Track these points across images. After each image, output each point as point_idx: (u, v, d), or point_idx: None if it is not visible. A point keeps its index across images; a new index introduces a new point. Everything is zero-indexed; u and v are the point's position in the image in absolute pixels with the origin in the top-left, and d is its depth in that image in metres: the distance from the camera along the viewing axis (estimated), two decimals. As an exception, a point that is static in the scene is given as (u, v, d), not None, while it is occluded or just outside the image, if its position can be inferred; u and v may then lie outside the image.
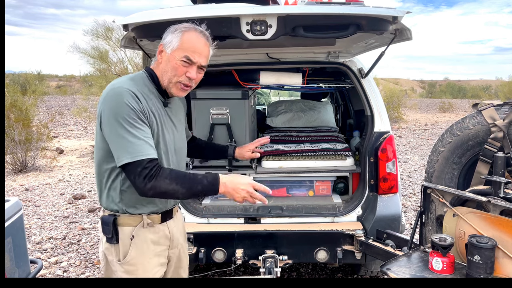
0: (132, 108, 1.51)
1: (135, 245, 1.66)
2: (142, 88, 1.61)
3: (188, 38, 1.60)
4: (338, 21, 2.09)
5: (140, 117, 1.52)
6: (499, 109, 2.19)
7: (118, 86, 1.55)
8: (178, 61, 1.59)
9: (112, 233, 1.64)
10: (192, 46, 1.59)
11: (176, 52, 1.59)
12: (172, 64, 1.61)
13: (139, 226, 1.67)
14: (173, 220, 1.82)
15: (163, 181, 1.49)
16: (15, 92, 8.42)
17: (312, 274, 3.54)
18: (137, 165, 1.48)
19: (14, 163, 7.52)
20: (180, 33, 1.60)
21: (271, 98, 6.99)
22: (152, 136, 1.58)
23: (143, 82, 1.65)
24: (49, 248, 4.14)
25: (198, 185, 1.55)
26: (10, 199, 1.94)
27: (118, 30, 9.69)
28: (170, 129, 1.72)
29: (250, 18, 2.06)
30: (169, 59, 1.61)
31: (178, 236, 1.84)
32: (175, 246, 1.84)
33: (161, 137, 1.65)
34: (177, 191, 1.52)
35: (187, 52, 1.59)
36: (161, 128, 1.65)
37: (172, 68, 1.61)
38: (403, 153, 9.34)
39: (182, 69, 1.61)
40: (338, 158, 3.08)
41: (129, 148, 1.48)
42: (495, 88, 32.34)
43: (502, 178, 1.85)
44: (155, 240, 1.72)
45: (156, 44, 2.70)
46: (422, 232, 2.07)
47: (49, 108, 19.41)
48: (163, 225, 1.75)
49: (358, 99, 3.22)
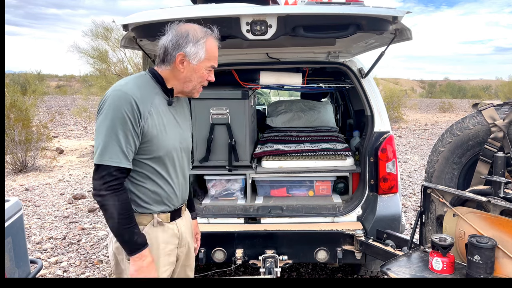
0: (127, 116, 1.53)
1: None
2: (145, 90, 1.63)
3: (210, 47, 1.65)
4: (338, 21, 2.09)
5: (130, 128, 1.54)
6: (499, 109, 2.19)
7: (120, 89, 1.57)
8: (204, 70, 1.67)
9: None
10: (214, 54, 1.68)
11: (203, 63, 1.65)
12: (199, 74, 1.68)
13: (149, 225, 1.69)
14: (181, 219, 1.83)
15: (113, 201, 1.52)
16: (15, 92, 8.42)
17: (312, 274, 3.54)
18: (104, 169, 1.51)
19: (14, 163, 7.52)
20: (203, 43, 1.63)
21: (271, 98, 6.99)
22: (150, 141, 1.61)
23: (147, 83, 1.67)
24: (49, 248, 4.14)
25: (128, 234, 1.55)
26: (10, 199, 1.94)
27: (117, 30, 9.70)
28: (173, 128, 1.72)
29: (250, 18, 2.06)
30: (195, 70, 1.66)
31: (186, 235, 1.85)
32: (184, 245, 1.85)
33: (162, 137, 1.65)
34: (113, 219, 1.53)
35: (213, 62, 1.68)
36: (163, 128, 1.65)
37: (199, 77, 1.68)
38: (403, 153, 9.34)
39: (206, 76, 1.70)
40: (338, 158, 3.08)
41: (106, 150, 1.52)
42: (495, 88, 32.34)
43: (502, 178, 1.85)
44: (165, 239, 1.74)
45: (156, 44, 2.70)
46: (422, 232, 2.08)
47: (49, 108, 19.42)
48: (172, 224, 1.76)
49: (358, 99, 3.22)
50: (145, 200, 1.67)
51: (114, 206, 1.52)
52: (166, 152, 1.67)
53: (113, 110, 1.53)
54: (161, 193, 1.69)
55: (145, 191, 1.65)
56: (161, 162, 1.67)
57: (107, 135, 1.52)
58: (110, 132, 1.52)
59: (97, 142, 1.54)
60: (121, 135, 1.52)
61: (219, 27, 1.76)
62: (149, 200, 1.67)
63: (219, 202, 3.10)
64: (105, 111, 1.54)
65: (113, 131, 1.52)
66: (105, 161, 1.51)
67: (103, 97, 1.59)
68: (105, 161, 1.51)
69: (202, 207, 2.99)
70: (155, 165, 1.65)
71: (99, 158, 1.52)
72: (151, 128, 1.61)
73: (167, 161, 1.68)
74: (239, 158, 3.04)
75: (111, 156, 1.51)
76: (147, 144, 1.61)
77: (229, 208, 2.95)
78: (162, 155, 1.65)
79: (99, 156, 1.52)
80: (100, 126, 1.54)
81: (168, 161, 1.69)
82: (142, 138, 1.59)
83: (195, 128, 3.02)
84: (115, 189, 1.52)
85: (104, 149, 1.52)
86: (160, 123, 1.64)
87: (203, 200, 3.14)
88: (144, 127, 1.58)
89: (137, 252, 1.57)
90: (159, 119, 1.64)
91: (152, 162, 1.65)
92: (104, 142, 1.52)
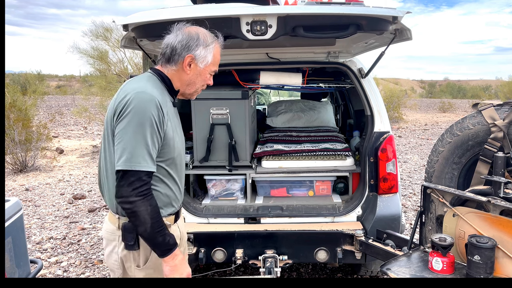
0: (153, 118, 1.51)
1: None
2: (161, 92, 1.64)
3: (217, 52, 1.70)
4: (338, 21, 2.09)
5: (156, 131, 1.53)
6: (499, 109, 2.19)
7: (144, 91, 1.54)
8: (207, 74, 1.72)
9: (135, 240, 1.62)
10: (218, 59, 1.72)
11: (209, 67, 1.70)
12: (203, 77, 1.71)
13: None
14: (180, 220, 1.86)
15: (145, 206, 1.49)
16: (15, 92, 8.41)
17: (312, 274, 3.54)
18: (133, 174, 1.48)
19: (14, 163, 7.53)
20: (212, 48, 1.67)
21: (271, 98, 6.99)
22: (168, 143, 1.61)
23: (158, 84, 1.66)
24: (49, 248, 4.14)
25: (161, 236, 1.54)
26: (10, 199, 1.94)
27: (118, 30, 9.69)
28: (179, 129, 1.77)
29: (250, 18, 2.06)
30: (200, 73, 1.69)
31: (184, 235, 1.89)
32: (182, 245, 1.87)
33: (175, 139, 1.67)
34: (145, 225, 1.50)
35: (216, 66, 1.72)
36: (174, 130, 1.68)
37: (202, 80, 1.72)
38: (403, 153, 9.34)
39: (207, 79, 1.74)
40: (338, 158, 3.08)
41: (134, 155, 1.48)
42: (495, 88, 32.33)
43: (502, 178, 1.85)
44: None
45: (156, 44, 2.70)
46: (422, 232, 2.08)
47: (49, 108, 19.41)
48: (175, 226, 1.78)
49: (358, 99, 3.22)
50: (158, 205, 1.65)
51: (146, 212, 1.49)
52: (178, 153, 1.70)
53: (140, 113, 1.49)
54: (170, 195, 1.69)
55: (158, 195, 1.62)
56: (173, 164, 1.67)
57: (134, 139, 1.48)
58: (138, 136, 1.48)
59: (123, 146, 1.49)
60: (148, 138, 1.50)
61: (219, 27, 1.77)
62: (161, 204, 1.64)
63: (219, 202, 3.10)
64: (131, 114, 1.49)
65: (141, 134, 1.49)
66: (134, 166, 1.47)
67: (121, 99, 1.55)
68: (134, 166, 1.47)
69: (202, 207, 2.99)
70: (168, 168, 1.65)
71: (127, 164, 1.47)
72: (168, 130, 1.61)
73: (177, 162, 1.71)
74: (239, 158, 3.04)
75: (140, 160, 1.48)
76: (165, 147, 1.60)
77: (229, 208, 2.95)
78: (175, 156, 1.67)
79: (127, 162, 1.47)
80: (125, 129, 1.50)
81: (178, 162, 1.72)
82: (163, 141, 1.58)
83: (195, 128, 3.02)
84: (145, 194, 1.49)
85: (132, 154, 1.47)
86: (172, 125, 1.66)
87: (203, 200, 3.14)
88: (165, 130, 1.58)
89: (170, 252, 1.56)
90: (171, 121, 1.65)
91: (166, 164, 1.64)
92: (131, 146, 1.48)
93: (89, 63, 10.35)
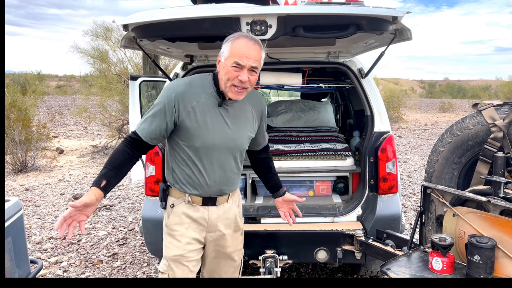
0: (163, 101, 1.81)
1: (174, 213, 1.95)
2: (194, 88, 1.85)
3: (237, 45, 1.76)
4: (338, 21, 2.09)
5: (163, 110, 1.80)
6: (499, 109, 2.19)
7: (171, 83, 1.91)
8: (229, 67, 1.76)
9: (162, 200, 1.99)
10: (240, 51, 1.75)
11: (227, 60, 1.77)
12: (225, 71, 1.78)
13: (180, 199, 1.94)
14: (217, 208, 1.97)
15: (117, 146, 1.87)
16: (15, 92, 8.41)
17: (312, 274, 3.54)
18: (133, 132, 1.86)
19: (14, 163, 7.53)
20: (230, 42, 1.77)
21: (271, 98, 7.00)
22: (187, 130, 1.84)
23: (201, 83, 1.88)
24: (49, 248, 4.14)
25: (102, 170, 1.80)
26: (10, 199, 1.94)
27: (118, 30, 9.69)
28: (218, 127, 1.86)
29: (250, 18, 2.06)
30: (222, 67, 1.79)
31: (216, 222, 1.98)
32: (213, 231, 1.98)
33: (199, 131, 1.83)
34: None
35: (236, 58, 1.74)
36: (203, 123, 1.83)
37: (225, 74, 1.78)
38: (403, 153, 9.34)
39: (233, 74, 1.76)
40: (338, 158, 3.08)
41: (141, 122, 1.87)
42: (495, 88, 32.34)
43: (502, 178, 1.85)
44: (194, 217, 1.94)
45: (156, 44, 2.70)
46: (422, 232, 2.08)
47: (49, 108, 19.42)
48: (204, 208, 1.95)
49: (358, 99, 3.22)
50: (181, 180, 1.91)
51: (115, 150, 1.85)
52: (203, 145, 1.85)
53: (159, 97, 1.85)
54: (194, 179, 1.89)
55: (182, 172, 1.90)
56: (197, 152, 1.86)
57: (146, 112, 1.86)
58: (149, 111, 1.85)
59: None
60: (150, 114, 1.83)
61: (219, 27, 1.77)
62: (184, 181, 1.91)
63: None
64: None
65: (151, 111, 1.84)
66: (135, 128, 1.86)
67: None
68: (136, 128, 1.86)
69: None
70: (191, 153, 1.87)
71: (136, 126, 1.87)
72: (188, 120, 1.81)
73: (202, 153, 1.86)
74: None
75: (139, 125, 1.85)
76: (184, 132, 1.84)
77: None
78: (198, 146, 1.85)
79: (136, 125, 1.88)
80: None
81: (203, 154, 1.86)
82: (179, 126, 1.83)
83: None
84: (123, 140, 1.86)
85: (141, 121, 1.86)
86: (201, 119, 1.82)
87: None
88: (182, 118, 1.81)
89: (92, 185, 1.75)
90: (201, 115, 1.82)
91: (190, 150, 1.86)
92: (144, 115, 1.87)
93: (89, 63, 10.35)
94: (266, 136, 2.19)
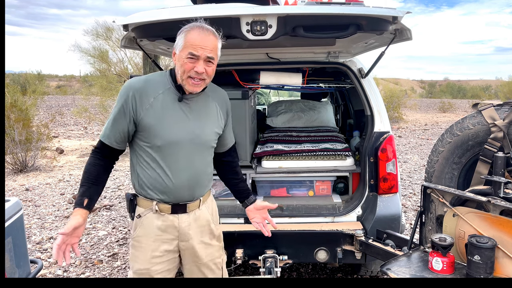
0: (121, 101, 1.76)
1: (141, 224, 1.86)
2: (152, 84, 1.79)
3: (191, 36, 1.70)
4: (338, 21, 2.09)
5: (122, 110, 1.75)
6: (499, 109, 2.19)
7: (128, 81, 1.81)
8: (184, 59, 1.71)
9: (130, 211, 1.89)
10: (194, 42, 1.70)
11: (182, 51, 1.72)
12: (180, 63, 1.73)
13: (148, 209, 1.84)
14: (187, 215, 1.88)
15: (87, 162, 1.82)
16: (15, 92, 8.41)
17: (312, 274, 3.54)
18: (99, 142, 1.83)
19: (14, 163, 7.52)
20: (184, 33, 1.72)
21: (271, 98, 6.99)
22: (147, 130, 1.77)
23: (159, 79, 1.82)
24: (49, 248, 4.14)
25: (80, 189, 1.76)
26: (10, 199, 1.94)
27: (118, 30, 9.69)
28: (179, 122, 1.79)
29: (250, 18, 2.06)
30: (178, 59, 1.74)
31: (187, 231, 1.88)
32: (185, 240, 1.89)
33: (160, 129, 1.76)
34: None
35: (190, 49, 1.70)
36: (163, 120, 1.76)
37: (181, 66, 1.73)
38: (403, 153, 9.34)
39: (189, 65, 1.71)
40: (338, 158, 3.08)
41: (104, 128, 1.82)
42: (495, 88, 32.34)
43: (502, 178, 1.85)
44: (162, 227, 1.84)
45: (156, 44, 2.71)
46: (422, 232, 2.08)
47: (49, 108, 19.41)
48: (173, 216, 1.85)
49: (358, 99, 3.22)
50: (147, 185, 1.81)
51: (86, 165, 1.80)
52: (165, 143, 1.76)
53: (117, 99, 1.78)
54: (160, 182, 1.80)
55: (147, 176, 1.80)
56: (160, 152, 1.78)
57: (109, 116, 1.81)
58: (111, 115, 1.80)
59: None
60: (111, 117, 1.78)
61: (219, 27, 1.77)
62: (150, 185, 1.81)
63: (219, 202, 3.09)
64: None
65: (112, 114, 1.79)
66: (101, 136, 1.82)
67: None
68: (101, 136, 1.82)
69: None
70: (154, 154, 1.78)
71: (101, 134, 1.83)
72: (147, 118, 1.74)
73: (165, 152, 1.77)
74: (239, 158, 3.03)
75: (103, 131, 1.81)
76: (144, 132, 1.77)
77: (229, 208, 2.94)
78: (160, 145, 1.76)
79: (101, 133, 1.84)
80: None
81: (167, 153, 1.77)
82: (139, 125, 1.76)
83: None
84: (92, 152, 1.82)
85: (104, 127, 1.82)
86: (160, 115, 1.75)
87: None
88: (141, 116, 1.74)
89: (75, 207, 1.73)
90: (161, 111, 1.75)
91: (152, 150, 1.78)
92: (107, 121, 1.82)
93: (89, 62, 10.36)
94: (232, 136, 2.11)
